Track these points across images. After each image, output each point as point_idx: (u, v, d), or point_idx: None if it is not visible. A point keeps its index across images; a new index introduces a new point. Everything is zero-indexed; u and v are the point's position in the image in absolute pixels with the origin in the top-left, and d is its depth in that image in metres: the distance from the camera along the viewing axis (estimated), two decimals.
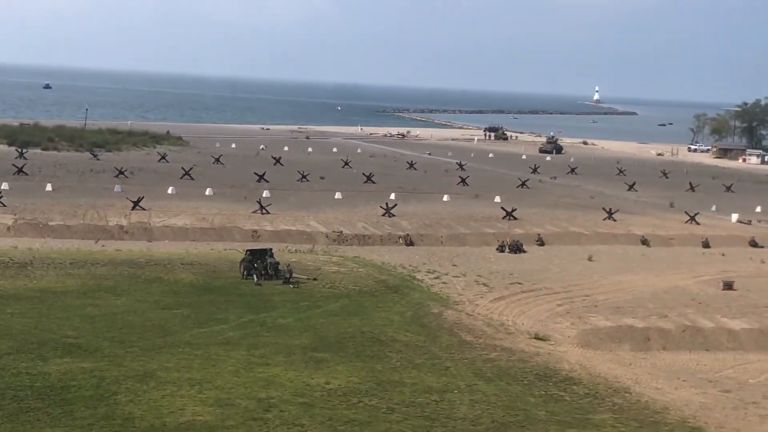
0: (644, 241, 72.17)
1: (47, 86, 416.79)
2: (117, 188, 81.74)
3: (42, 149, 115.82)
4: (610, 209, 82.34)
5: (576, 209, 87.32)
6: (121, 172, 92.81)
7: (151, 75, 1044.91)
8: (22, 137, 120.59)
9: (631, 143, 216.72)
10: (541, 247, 68.10)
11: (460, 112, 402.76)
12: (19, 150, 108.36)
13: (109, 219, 66.08)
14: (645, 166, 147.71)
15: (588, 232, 73.58)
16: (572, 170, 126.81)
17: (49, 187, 79.87)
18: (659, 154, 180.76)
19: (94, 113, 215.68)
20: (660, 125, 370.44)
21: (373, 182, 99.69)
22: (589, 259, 63.31)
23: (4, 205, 68.58)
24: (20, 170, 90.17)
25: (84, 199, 75.44)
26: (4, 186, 78.15)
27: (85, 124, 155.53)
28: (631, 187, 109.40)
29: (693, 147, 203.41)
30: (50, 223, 62.89)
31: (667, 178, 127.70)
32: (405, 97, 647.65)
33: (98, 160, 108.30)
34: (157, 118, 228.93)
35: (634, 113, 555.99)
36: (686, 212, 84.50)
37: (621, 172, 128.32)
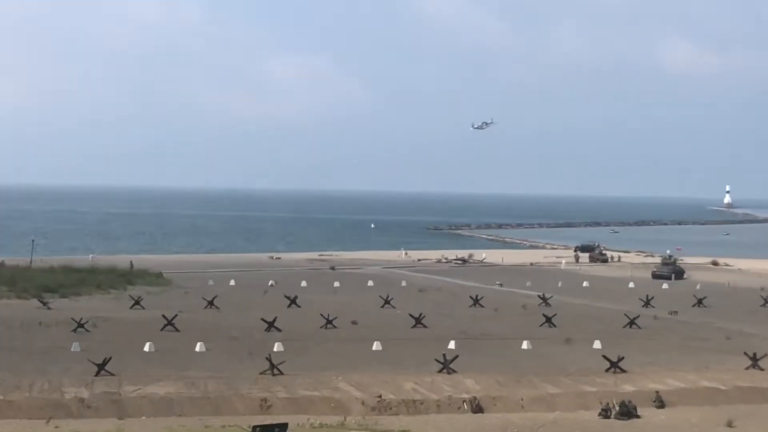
0: None
1: None
2: (75, 347, 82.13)
3: None
4: (755, 354, 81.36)
5: (707, 355, 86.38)
6: (80, 325, 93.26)
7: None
8: None
9: None
10: (661, 410, 67.24)
11: (541, 226, 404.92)
12: None
13: (64, 390, 66.14)
14: None
15: (725, 387, 72.67)
16: (699, 302, 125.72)
17: None
18: None
19: (43, 246, 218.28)
20: None
21: (425, 326, 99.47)
22: (729, 425, 62.32)
23: None
24: None
25: (30, 363, 75.76)
26: None
27: (31, 261, 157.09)
28: None
29: None
30: None
31: None
32: (465, 208, 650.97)
33: (49, 309, 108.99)
34: (131, 250, 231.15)
35: None
36: None
37: (767, 302, 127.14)
